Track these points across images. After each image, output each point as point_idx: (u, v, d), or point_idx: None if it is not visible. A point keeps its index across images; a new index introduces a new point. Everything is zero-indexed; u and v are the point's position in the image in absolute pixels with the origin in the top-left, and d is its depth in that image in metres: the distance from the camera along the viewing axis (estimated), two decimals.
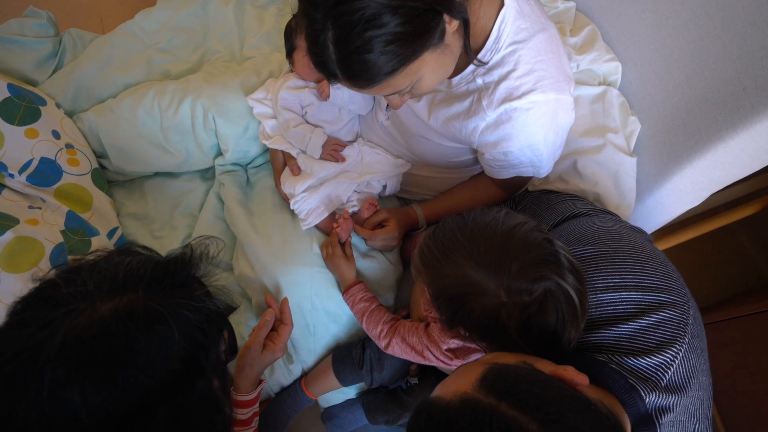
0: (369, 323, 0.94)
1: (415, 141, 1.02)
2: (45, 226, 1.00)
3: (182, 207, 1.20)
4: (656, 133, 0.98)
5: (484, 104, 0.82)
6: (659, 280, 0.67)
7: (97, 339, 0.48)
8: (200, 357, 0.54)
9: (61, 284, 0.51)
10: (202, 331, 0.54)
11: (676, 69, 0.94)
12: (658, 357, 0.61)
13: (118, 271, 0.53)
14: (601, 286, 0.67)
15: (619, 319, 0.64)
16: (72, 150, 1.13)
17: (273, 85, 1.10)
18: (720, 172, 0.89)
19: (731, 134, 0.83)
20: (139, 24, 1.32)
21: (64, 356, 0.47)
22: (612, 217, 0.88)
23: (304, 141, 1.05)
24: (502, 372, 0.51)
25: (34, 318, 0.49)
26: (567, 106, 0.85)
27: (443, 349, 0.82)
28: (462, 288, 0.63)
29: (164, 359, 0.50)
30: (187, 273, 0.59)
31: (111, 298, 0.51)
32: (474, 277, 0.62)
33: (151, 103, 1.13)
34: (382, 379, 1.02)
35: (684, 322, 0.63)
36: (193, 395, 0.52)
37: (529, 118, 0.81)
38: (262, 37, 1.34)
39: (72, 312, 0.49)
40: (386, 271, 1.08)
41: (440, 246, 0.67)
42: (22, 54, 1.20)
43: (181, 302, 0.53)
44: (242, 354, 0.89)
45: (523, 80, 0.79)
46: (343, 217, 1.03)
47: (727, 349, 1.33)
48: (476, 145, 0.91)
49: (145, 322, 0.50)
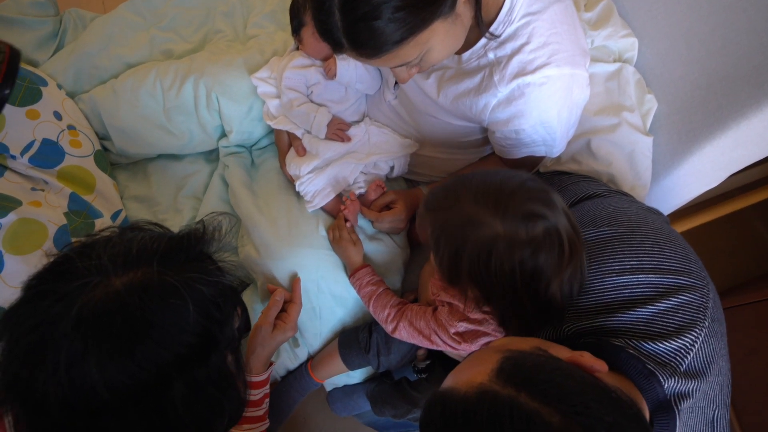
0: (376, 307, 0.93)
1: (424, 120, 0.99)
2: (48, 207, 0.99)
3: (186, 189, 1.18)
4: (674, 112, 0.94)
5: (496, 79, 0.80)
6: (678, 262, 0.64)
7: (112, 312, 0.49)
8: (215, 331, 0.54)
9: (76, 258, 0.51)
10: (217, 305, 0.54)
11: (695, 44, 0.91)
12: (677, 341, 0.58)
13: (132, 245, 0.54)
14: (618, 268, 0.65)
15: (637, 303, 0.62)
16: (74, 131, 1.11)
17: (277, 63, 1.07)
18: (741, 151, 0.85)
19: (755, 111, 0.80)
20: (140, 3, 1.30)
21: (80, 329, 0.47)
22: (627, 198, 0.85)
23: (309, 120, 1.03)
24: (520, 361, 0.49)
25: (50, 291, 0.49)
26: (582, 81, 0.82)
27: (451, 332, 0.80)
28: (460, 220, 0.65)
29: (180, 333, 0.51)
30: (200, 249, 0.59)
31: (126, 272, 0.51)
32: (472, 210, 0.64)
33: (153, 83, 1.11)
34: (389, 363, 1.01)
35: (704, 306, 0.61)
36: (209, 369, 0.53)
37: (543, 94, 0.78)
38: (266, 15, 1.31)
39: (87, 285, 0.49)
40: (393, 254, 1.06)
41: (444, 189, 0.70)
42: (22, 34, 1.18)
43: (195, 276, 0.54)
44: (253, 334, 0.89)
45: (537, 53, 0.76)
46: (350, 199, 1.01)
47: (741, 334, 1.31)
48: (487, 123, 0.88)
49: (161, 295, 0.51)
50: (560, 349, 0.54)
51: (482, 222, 0.63)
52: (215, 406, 0.55)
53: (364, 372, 1.11)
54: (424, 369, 0.99)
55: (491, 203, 0.64)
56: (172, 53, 1.25)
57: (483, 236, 0.63)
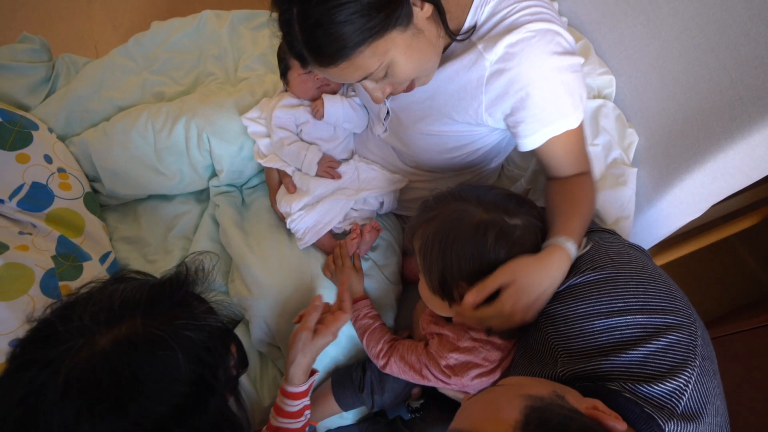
0: (369, 341, 0.93)
1: (417, 140, 0.97)
2: (35, 251, 0.98)
3: (176, 230, 1.18)
4: (654, 145, 0.98)
5: (481, 47, 0.79)
6: (663, 300, 0.65)
7: (100, 373, 0.47)
8: (209, 376, 0.52)
9: (57, 322, 0.50)
10: (208, 349, 0.53)
11: (670, 80, 0.95)
12: (671, 383, 0.58)
13: (113, 299, 0.52)
14: (606, 310, 0.65)
15: (628, 345, 0.62)
16: (64, 174, 1.12)
17: (267, 104, 1.10)
18: (720, 183, 0.88)
19: (729, 144, 0.83)
20: (132, 47, 1.33)
21: (69, 395, 0.46)
22: (610, 236, 0.86)
23: (299, 158, 1.04)
24: (545, 416, 0.48)
25: (33, 360, 0.48)
26: (569, 44, 0.80)
27: (441, 365, 0.80)
28: (448, 218, 0.76)
29: (172, 383, 0.49)
30: (184, 292, 0.58)
31: (109, 329, 0.50)
32: (458, 206, 0.77)
33: (144, 125, 1.12)
34: (383, 402, 0.99)
35: (693, 344, 0.61)
36: (208, 415, 0.51)
37: (534, 49, 0.76)
38: (257, 58, 1.34)
39: (71, 349, 0.48)
40: (385, 290, 1.06)
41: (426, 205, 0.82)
42: (14, 79, 1.20)
43: (181, 323, 0.52)
44: (292, 343, 0.87)
45: (520, 14, 0.77)
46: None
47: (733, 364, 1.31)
48: (486, 105, 0.83)
49: (148, 348, 0.49)
50: (575, 395, 0.54)
51: (467, 210, 0.75)
52: None
53: (358, 413, 1.09)
54: (418, 408, 0.98)
55: (472, 198, 0.77)
56: (164, 96, 1.28)
57: (470, 224, 0.73)
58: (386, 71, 0.73)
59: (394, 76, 0.75)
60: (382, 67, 0.72)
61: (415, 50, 0.72)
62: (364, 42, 0.66)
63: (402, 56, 0.71)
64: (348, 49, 0.67)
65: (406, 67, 0.73)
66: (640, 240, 1.06)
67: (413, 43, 0.71)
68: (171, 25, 1.38)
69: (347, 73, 0.71)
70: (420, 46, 0.73)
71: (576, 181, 0.87)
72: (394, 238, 1.14)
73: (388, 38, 0.68)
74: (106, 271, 1.07)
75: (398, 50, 0.70)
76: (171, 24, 1.39)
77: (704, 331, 0.66)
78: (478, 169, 1.06)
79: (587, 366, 0.63)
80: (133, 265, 1.14)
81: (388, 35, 0.68)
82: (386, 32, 0.67)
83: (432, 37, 0.74)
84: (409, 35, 0.70)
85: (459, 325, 0.81)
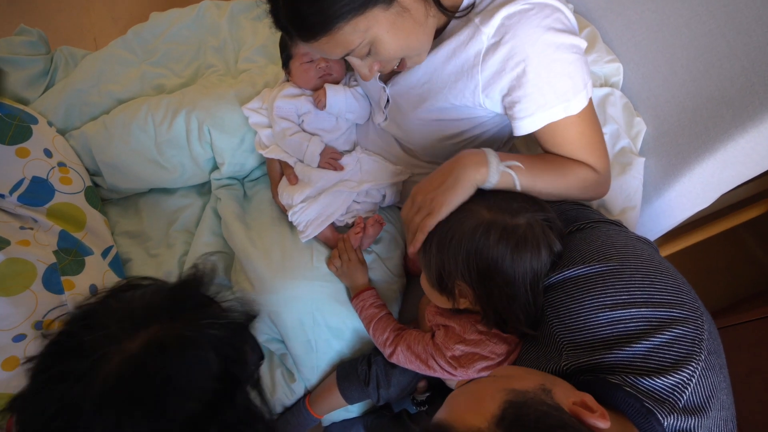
0: (376, 330, 0.93)
1: (415, 125, 0.96)
2: (37, 246, 0.98)
3: (178, 224, 1.17)
4: (662, 134, 0.96)
5: (478, 21, 0.77)
6: (669, 294, 0.64)
7: (135, 378, 0.48)
8: (236, 371, 0.54)
9: (81, 332, 0.50)
10: (231, 346, 0.55)
11: (679, 68, 0.93)
12: (674, 376, 0.57)
13: (134, 305, 0.53)
14: (610, 302, 0.64)
15: (632, 338, 0.61)
16: (65, 168, 1.11)
17: (269, 94, 1.08)
18: (730, 172, 0.86)
19: (740, 132, 0.81)
20: (131, 39, 1.32)
21: (108, 403, 0.46)
22: (616, 228, 0.85)
23: (301, 150, 1.03)
24: (522, 411, 0.48)
25: (65, 373, 0.48)
26: (570, 22, 0.77)
27: (447, 356, 0.80)
28: (451, 219, 0.74)
29: (203, 381, 0.51)
30: (201, 292, 0.59)
31: (136, 334, 0.50)
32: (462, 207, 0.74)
33: (144, 118, 1.11)
34: (388, 396, 0.99)
35: (699, 338, 0.60)
36: (236, 410, 0.53)
37: (531, 20, 0.73)
38: (257, 49, 1.33)
39: (102, 358, 0.48)
40: (389, 282, 1.05)
41: None
42: (13, 73, 1.19)
43: (207, 322, 0.54)
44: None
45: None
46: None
47: (740, 353, 1.30)
48: (482, 85, 0.81)
49: (177, 349, 0.50)
50: (565, 388, 0.53)
51: (470, 210, 0.73)
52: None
53: (363, 405, 1.09)
54: (424, 401, 0.97)
55: (478, 201, 0.75)
56: (164, 88, 1.26)
57: (471, 224, 0.71)
58: (369, 48, 0.73)
59: (379, 54, 0.75)
60: (364, 44, 0.72)
61: (399, 29, 0.72)
62: (344, 18, 0.67)
63: (386, 34, 0.71)
64: (328, 23, 0.67)
65: (391, 45, 0.73)
66: (648, 230, 1.04)
67: (397, 21, 0.71)
68: (170, 16, 1.37)
69: (329, 48, 0.71)
70: (405, 24, 0.72)
71: (565, 161, 0.83)
72: (397, 231, 1.13)
73: (369, 15, 0.68)
74: (108, 266, 1.07)
75: (381, 28, 0.70)
76: (170, 15, 1.37)
77: (711, 324, 0.65)
78: None
79: (591, 359, 0.63)
80: (136, 260, 1.13)
81: (369, 12, 0.68)
82: (367, 9, 0.67)
83: (419, 15, 0.73)
84: (393, 13, 0.70)
85: (465, 318, 0.80)
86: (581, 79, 0.77)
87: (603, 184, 0.86)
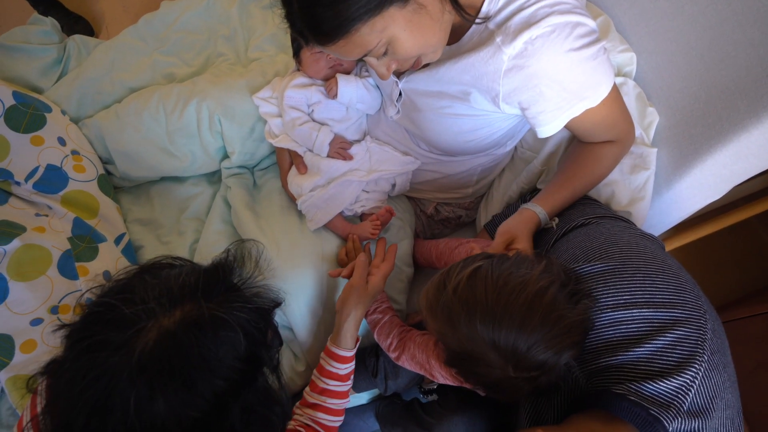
0: (380, 335, 0.93)
1: (429, 121, 0.96)
2: (52, 233, 0.99)
3: (189, 211, 1.18)
4: (674, 125, 0.95)
5: (499, 41, 0.77)
6: (671, 294, 0.64)
7: (171, 352, 0.50)
8: (261, 354, 0.57)
9: (120, 305, 0.53)
10: (258, 329, 0.57)
11: (694, 57, 0.91)
12: (677, 379, 0.58)
13: (171, 283, 0.56)
14: (612, 303, 0.64)
15: (634, 340, 0.61)
16: (78, 156, 1.12)
17: (279, 83, 1.09)
18: (743, 164, 0.85)
19: (755, 123, 0.80)
20: (142, 28, 1.32)
21: (144, 375, 0.49)
22: (622, 224, 0.84)
23: (311, 139, 1.03)
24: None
25: (105, 342, 0.51)
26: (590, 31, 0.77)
27: (453, 372, 0.79)
28: (472, 352, 0.64)
29: (232, 360, 0.53)
30: (232, 276, 0.62)
31: (173, 310, 0.53)
32: (485, 351, 0.62)
33: (156, 107, 1.12)
34: (396, 386, 1.00)
35: (701, 339, 0.60)
36: (257, 390, 0.56)
37: (553, 44, 0.74)
38: (267, 38, 1.33)
39: (141, 330, 0.51)
40: (397, 272, 1.06)
41: (460, 303, 0.64)
42: (26, 61, 1.20)
43: (237, 305, 0.56)
44: (346, 297, 0.90)
45: (539, 5, 0.75)
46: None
47: (749, 347, 1.30)
48: (503, 95, 0.82)
49: (212, 328, 0.53)
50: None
51: (493, 363, 0.63)
52: (266, 424, 0.58)
53: (372, 392, 1.10)
54: (433, 390, 0.98)
55: (505, 349, 0.61)
56: (175, 77, 1.27)
57: (493, 374, 0.63)
58: (387, 48, 0.73)
59: (396, 53, 0.74)
60: (381, 44, 0.71)
61: (416, 26, 0.71)
62: (361, 19, 0.66)
63: (403, 33, 0.70)
64: (345, 26, 0.66)
65: (408, 43, 0.72)
66: (657, 222, 1.03)
67: (414, 18, 0.70)
68: (180, 5, 1.37)
69: (347, 50, 0.71)
70: (422, 21, 0.71)
71: (595, 150, 0.91)
72: (406, 221, 1.13)
73: (386, 15, 0.67)
74: (121, 253, 1.08)
75: (398, 27, 0.69)
76: (180, 3, 1.37)
77: (716, 322, 0.65)
78: (492, 152, 1.05)
79: (598, 363, 0.63)
80: (147, 247, 1.15)
81: (386, 12, 0.67)
82: (383, 9, 0.66)
83: (435, 12, 0.72)
84: (409, 11, 0.69)
85: None
86: (604, 73, 0.80)
87: (629, 145, 0.93)
